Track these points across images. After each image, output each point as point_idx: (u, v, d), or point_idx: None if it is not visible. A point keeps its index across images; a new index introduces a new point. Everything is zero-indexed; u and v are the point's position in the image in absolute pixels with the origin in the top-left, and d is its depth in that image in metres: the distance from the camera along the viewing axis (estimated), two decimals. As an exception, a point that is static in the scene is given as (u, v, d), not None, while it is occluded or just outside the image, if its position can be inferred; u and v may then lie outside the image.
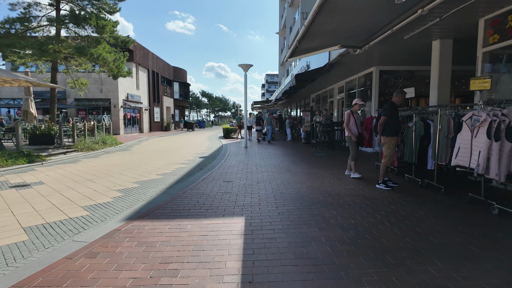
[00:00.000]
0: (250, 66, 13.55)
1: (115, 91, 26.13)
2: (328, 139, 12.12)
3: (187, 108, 61.17)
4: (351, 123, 6.31)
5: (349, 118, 6.32)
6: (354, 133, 6.29)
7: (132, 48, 28.19)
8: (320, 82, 14.04)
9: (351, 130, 6.28)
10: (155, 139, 22.43)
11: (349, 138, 6.36)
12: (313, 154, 10.50)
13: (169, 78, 40.79)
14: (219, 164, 8.57)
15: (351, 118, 6.31)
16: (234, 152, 11.68)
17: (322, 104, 17.85)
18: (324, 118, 12.00)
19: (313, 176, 6.64)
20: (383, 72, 10.42)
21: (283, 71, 31.99)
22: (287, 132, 17.76)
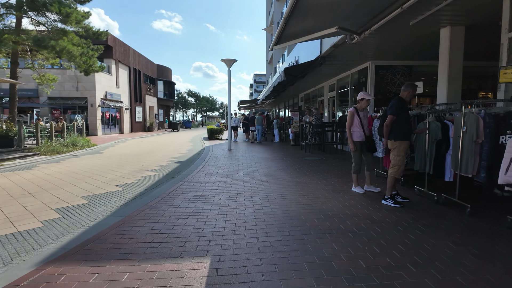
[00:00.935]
0: (234, 62, 12.40)
1: (92, 89, 24.49)
2: (319, 141, 11.09)
3: (173, 108, 59.46)
4: (355, 124, 4.98)
5: (353, 118, 4.99)
6: (359, 136, 4.99)
7: (111, 43, 26.63)
8: (310, 79, 13.01)
9: (353, 134, 4.99)
10: (134, 140, 20.99)
11: (350, 142, 5.06)
12: (303, 158, 9.43)
13: (153, 76, 39.18)
14: (195, 171, 7.38)
15: (355, 118, 4.98)
16: (215, 155, 10.50)
17: (312, 104, 16.85)
18: (314, 118, 10.97)
19: (304, 187, 5.54)
20: (379, 68, 9.45)
21: (270, 69, 30.92)
22: (275, 133, 16.68)
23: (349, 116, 5.07)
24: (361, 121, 4.98)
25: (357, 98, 5.10)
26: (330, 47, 7.46)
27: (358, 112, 5.05)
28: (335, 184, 5.77)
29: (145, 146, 15.99)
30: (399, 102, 4.30)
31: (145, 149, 14.30)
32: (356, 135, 5.03)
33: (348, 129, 5.03)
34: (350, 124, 5.03)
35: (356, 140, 5.04)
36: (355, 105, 5.19)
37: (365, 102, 5.01)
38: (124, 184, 6.35)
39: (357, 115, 5.03)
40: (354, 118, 5.03)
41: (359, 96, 5.06)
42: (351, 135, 5.01)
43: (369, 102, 4.99)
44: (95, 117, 24.72)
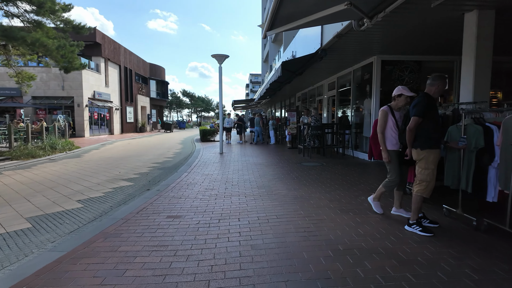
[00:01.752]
0: (225, 57, 11.39)
1: (79, 88, 23.32)
2: (318, 144, 10.11)
3: (166, 108, 58.26)
4: (389, 127, 3.77)
5: (386, 118, 3.79)
6: (395, 144, 3.77)
7: (99, 41, 25.51)
8: (308, 76, 12.05)
9: (387, 141, 3.78)
10: (122, 142, 19.89)
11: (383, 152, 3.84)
12: (301, 164, 8.44)
13: (145, 75, 38.02)
14: (177, 180, 6.36)
15: (389, 119, 3.78)
16: (204, 160, 9.48)
17: (310, 104, 15.88)
18: (313, 119, 9.99)
19: (304, 204, 4.54)
20: (385, 63, 8.49)
21: (266, 68, 29.93)
22: (271, 134, 15.69)
23: (381, 117, 3.82)
24: (397, 123, 3.79)
25: (394, 94, 3.85)
26: (333, 38, 6.48)
27: (393, 111, 3.81)
28: (342, 199, 4.78)
29: (132, 148, 14.92)
30: (425, 100, 3.32)
31: (130, 152, 13.23)
32: (390, 142, 3.79)
33: (381, 133, 3.80)
34: (383, 127, 3.80)
35: (391, 149, 3.80)
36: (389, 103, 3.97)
37: (403, 100, 3.74)
38: (87, 199, 5.30)
39: (392, 115, 3.78)
40: (388, 119, 3.79)
41: (396, 91, 3.82)
42: (384, 141, 3.81)
43: (408, 100, 3.77)
44: (82, 117, 23.55)
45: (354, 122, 10.17)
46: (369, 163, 8.42)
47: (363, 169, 7.58)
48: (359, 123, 9.77)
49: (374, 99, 8.55)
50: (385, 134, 3.80)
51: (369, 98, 8.90)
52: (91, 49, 25.59)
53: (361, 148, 9.68)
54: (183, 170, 7.72)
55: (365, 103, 9.22)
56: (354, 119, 10.19)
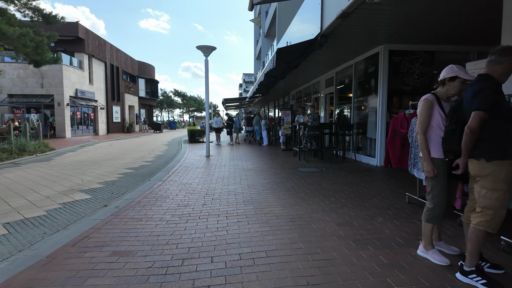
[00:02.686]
0: (212, 49, 10.21)
1: (59, 86, 21.85)
2: (316, 147, 8.98)
3: (156, 108, 56.75)
4: (435, 124, 2.54)
5: (430, 113, 2.55)
6: (437, 148, 2.53)
7: (82, 36, 24.08)
8: (303, 71, 10.93)
9: (431, 144, 2.55)
10: (105, 143, 18.53)
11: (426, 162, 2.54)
12: (297, 170, 7.30)
13: (133, 73, 36.55)
14: (146, 192, 5.16)
15: (435, 111, 2.54)
16: (187, 164, 8.27)
17: (305, 102, 14.77)
18: (310, 119, 8.84)
19: (304, 230, 3.39)
20: (394, 53, 7.40)
21: (259, 65, 28.76)
22: (263, 135, 14.53)
23: (424, 109, 2.54)
24: (445, 116, 2.52)
25: (443, 76, 2.54)
26: (336, 19, 5.34)
27: (440, 102, 2.56)
28: (353, 221, 3.64)
29: (112, 150, 13.61)
30: (490, 85, 2.19)
31: (108, 154, 11.95)
32: (437, 147, 2.53)
33: (422, 133, 2.54)
34: (426, 124, 2.53)
35: (437, 157, 2.54)
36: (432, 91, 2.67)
37: (457, 86, 2.47)
38: (17, 222, 4.05)
39: (440, 107, 2.54)
40: (434, 113, 2.53)
41: (448, 72, 2.50)
42: (426, 146, 2.53)
43: (464, 85, 2.46)
44: (63, 117, 22.08)
45: (356, 121, 9.07)
46: (375, 168, 7.31)
47: (370, 176, 6.46)
48: (362, 123, 8.67)
49: (381, 95, 7.45)
50: (428, 135, 2.58)
51: (374, 94, 7.80)
52: (74, 44, 24.16)
53: (364, 150, 8.57)
54: (158, 177, 6.51)
55: (369, 100, 8.13)
56: (356, 119, 9.09)
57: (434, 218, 2.58)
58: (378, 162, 7.62)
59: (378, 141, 7.56)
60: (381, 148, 7.52)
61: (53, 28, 23.36)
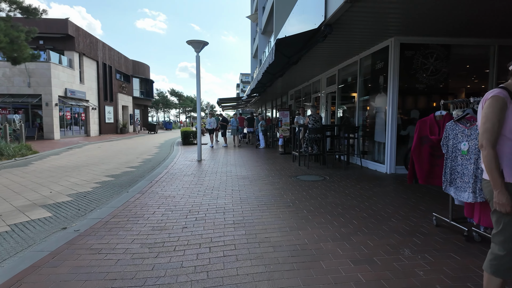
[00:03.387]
0: (203, 44, 9.37)
1: (47, 85, 20.91)
2: (317, 151, 8.15)
3: (151, 108, 55.76)
4: (507, 131, 1.67)
5: (503, 113, 1.69)
6: (510, 165, 1.68)
7: (72, 33, 23.14)
8: (303, 69, 10.13)
9: (503, 160, 1.70)
10: (94, 145, 17.63)
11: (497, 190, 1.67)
12: (297, 178, 6.47)
13: (127, 73, 35.60)
14: (119, 208, 4.31)
15: (509, 114, 1.67)
16: (175, 171, 7.43)
17: (304, 102, 13.96)
18: (311, 120, 8.01)
19: (310, 271, 2.55)
20: (405, 47, 6.60)
21: (255, 64, 27.89)
22: (260, 137, 13.69)
23: (494, 109, 1.71)
24: None
25: None
26: (344, 3, 4.51)
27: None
28: (374, 255, 2.81)
29: (98, 154, 12.72)
30: None
31: (93, 158, 11.07)
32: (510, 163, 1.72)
33: (491, 146, 1.70)
34: (495, 132, 1.70)
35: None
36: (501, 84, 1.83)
37: None
38: None
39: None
40: (506, 114, 1.70)
41: None
42: (497, 165, 1.68)
43: None
44: (52, 117, 21.14)
45: (361, 123, 8.26)
46: (385, 177, 6.49)
47: (381, 186, 5.65)
48: (368, 125, 7.87)
49: (391, 94, 6.64)
50: (498, 149, 1.73)
51: (383, 93, 7.00)
52: (63, 42, 23.22)
53: (371, 155, 7.76)
54: (139, 188, 5.66)
55: (377, 99, 7.32)
56: (361, 120, 8.28)
57: (506, 270, 1.75)
58: (388, 169, 6.80)
59: (388, 145, 6.75)
60: (391, 153, 6.71)
61: (41, 25, 22.44)
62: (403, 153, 6.68)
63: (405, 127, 6.78)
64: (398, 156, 6.74)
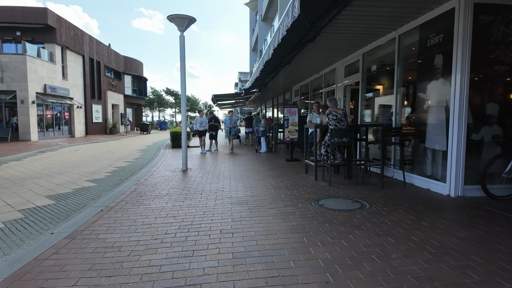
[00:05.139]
0: (189, 21, 7.24)
1: (23, 81, 18.70)
2: (341, 160, 5.98)
3: (145, 107, 53.55)
4: None
5: None
6: None
7: (53, 24, 20.94)
8: (314, 55, 8.02)
9: None
10: (71, 148, 15.47)
11: None
12: (319, 204, 4.32)
13: (118, 69, 33.37)
14: (5, 280, 2.17)
15: None
16: (146, 188, 5.29)
17: (313, 98, 11.82)
18: (332, 119, 5.80)
19: None
20: (481, 9, 4.48)
21: (255, 57, 25.70)
22: (261, 140, 11.54)
23: None
24: None
25: None
26: None
27: None
28: None
29: (70, 158, 10.55)
30: None
31: (57, 166, 8.90)
32: None
33: None
34: None
35: None
36: None
37: None
38: None
39: None
40: None
41: None
42: None
43: None
44: (28, 116, 18.92)
45: (400, 123, 6.14)
46: (453, 202, 4.35)
47: (465, 222, 3.51)
48: (415, 125, 5.74)
49: (457, 80, 4.52)
50: None
51: (442, 79, 4.87)
52: (43, 34, 21.00)
53: (420, 168, 5.58)
54: (74, 224, 3.51)
55: (431, 89, 5.19)
56: (398, 119, 6.16)
57: None
58: (451, 189, 4.66)
59: (452, 155, 4.62)
60: (458, 167, 4.58)
61: (17, 14, 20.17)
62: (478, 167, 4.56)
63: (477, 129, 4.65)
64: (469, 170, 4.61)
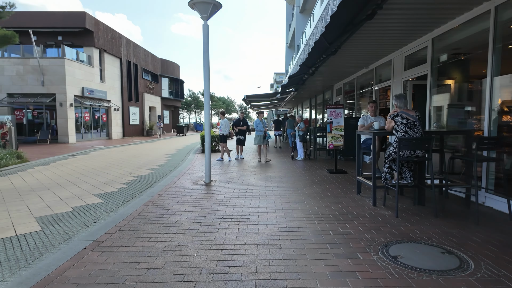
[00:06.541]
0: (213, 8, 6.08)
1: (61, 84, 19.01)
2: (411, 180, 4.38)
3: (182, 109, 54.19)
4: None
5: None
6: None
7: (91, 27, 21.19)
8: (367, 43, 6.46)
9: None
10: (103, 151, 15.20)
11: None
12: (389, 256, 2.85)
13: (155, 72, 33.70)
14: None
15: None
16: (158, 209, 4.18)
17: (360, 96, 10.14)
18: (401, 122, 4.27)
19: None
20: None
21: (291, 53, 24.17)
22: (297, 145, 10.09)
23: None
24: None
25: None
26: None
27: None
28: None
29: (94, 164, 9.98)
30: None
31: (76, 173, 8.27)
32: None
33: None
34: None
35: None
36: None
37: None
38: None
39: None
40: None
41: None
42: None
43: None
44: (66, 119, 19.21)
45: (497, 130, 4.42)
46: None
47: None
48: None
49: None
50: None
51: None
52: (82, 37, 21.34)
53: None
54: (37, 273, 2.42)
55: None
56: (493, 125, 4.44)
57: None
58: None
59: None
60: None
61: (58, 19, 20.57)
62: None
63: None
64: None
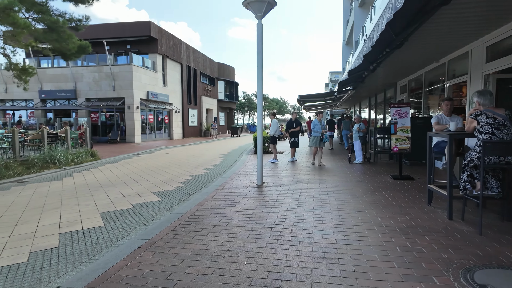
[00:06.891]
0: (268, 5, 5.90)
1: (129, 88, 20.72)
2: (498, 192, 3.67)
3: (237, 111, 55.44)
4: None
5: None
6: None
7: (155, 35, 22.73)
8: (437, 36, 5.67)
9: None
10: (165, 150, 16.15)
11: None
12: (475, 284, 2.34)
13: (212, 75, 34.99)
14: None
15: None
16: (210, 210, 4.15)
17: (428, 96, 9.10)
18: (486, 121, 3.61)
19: None
20: None
21: (348, 50, 22.99)
22: (356, 148, 9.43)
23: None
24: None
25: None
26: None
27: None
28: None
29: (153, 163, 10.61)
30: None
31: (137, 172, 8.84)
32: None
33: None
34: None
35: None
36: None
37: None
38: None
39: None
40: None
41: None
42: None
43: None
44: (133, 121, 20.89)
45: None
46: None
47: None
48: None
49: None
50: None
51: None
52: (147, 45, 23.06)
53: None
54: (93, 271, 2.49)
55: None
56: None
57: None
58: None
59: None
60: None
61: (126, 29, 22.60)
62: None
63: None
64: None
